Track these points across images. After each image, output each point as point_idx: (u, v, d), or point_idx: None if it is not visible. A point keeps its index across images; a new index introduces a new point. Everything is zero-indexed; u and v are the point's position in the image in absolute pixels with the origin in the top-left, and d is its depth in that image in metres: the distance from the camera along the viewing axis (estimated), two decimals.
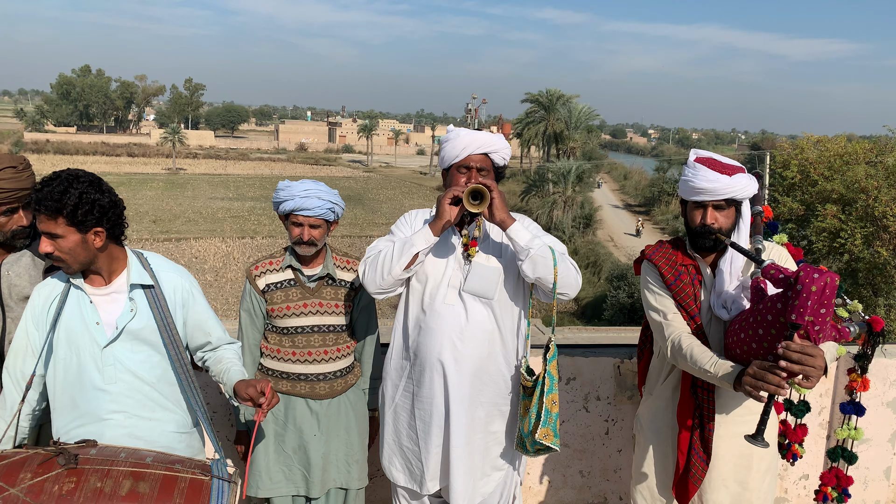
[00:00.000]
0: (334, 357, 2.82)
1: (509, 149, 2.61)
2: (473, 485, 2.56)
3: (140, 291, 2.26)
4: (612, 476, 3.52)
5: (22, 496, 1.82)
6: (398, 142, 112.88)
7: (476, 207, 2.36)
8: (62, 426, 2.22)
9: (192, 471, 2.03)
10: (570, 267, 2.46)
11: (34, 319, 2.23)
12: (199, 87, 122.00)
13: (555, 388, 2.44)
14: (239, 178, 68.81)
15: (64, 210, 2.04)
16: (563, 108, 55.45)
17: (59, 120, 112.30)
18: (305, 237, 2.71)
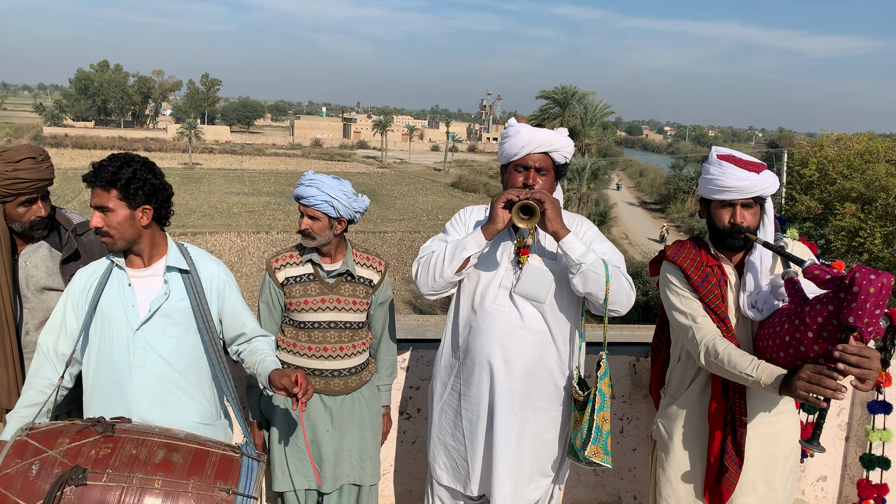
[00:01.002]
0: (350, 353, 2.82)
1: (572, 146, 2.54)
2: (519, 490, 2.53)
3: (177, 275, 2.30)
4: (626, 475, 3.50)
5: (60, 458, 1.90)
6: (413, 138, 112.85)
7: (525, 223, 2.32)
8: (92, 407, 2.26)
9: (223, 448, 2.10)
10: (624, 283, 2.40)
11: (73, 300, 2.27)
12: (216, 82, 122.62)
13: (606, 406, 2.40)
14: (254, 174, 69.09)
15: (118, 183, 2.15)
16: (579, 104, 55.15)
17: (78, 115, 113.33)
18: (302, 226, 2.71)
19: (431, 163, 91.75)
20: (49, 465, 1.88)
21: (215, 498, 1.95)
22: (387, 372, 2.99)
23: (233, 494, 1.97)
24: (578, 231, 2.53)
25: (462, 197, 60.87)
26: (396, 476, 3.39)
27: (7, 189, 2.37)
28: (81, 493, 1.85)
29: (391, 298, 2.99)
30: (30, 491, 1.85)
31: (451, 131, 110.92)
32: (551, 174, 2.52)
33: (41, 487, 1.85)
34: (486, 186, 64.87)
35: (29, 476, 1.86)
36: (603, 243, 2.52)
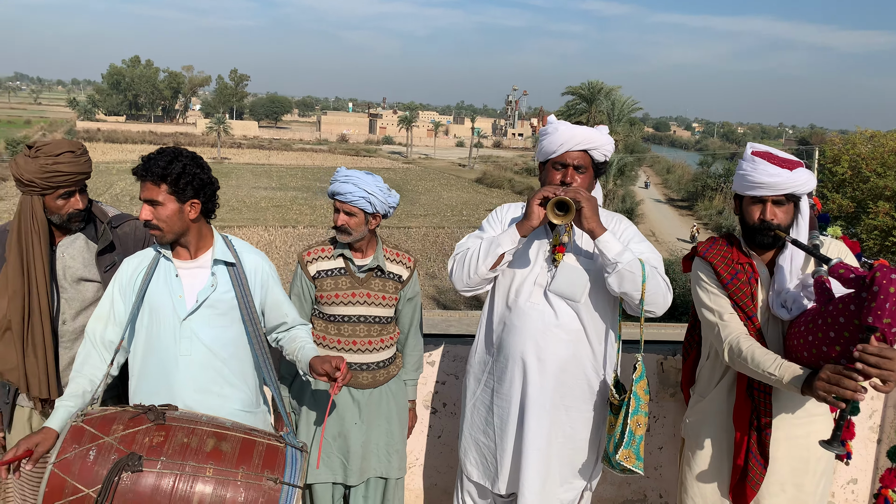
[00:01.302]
0: (378, 347, 2.84)
1: (611, 144, 2.51)
2: (548, 491, 2.53)
3: (223, 268, 2.35)
4: (652, 473, 3.48)
5: (115, 444, 1.94)
6: (438, 133, 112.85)
7: (560, 219, 2.31)
8: (139, 394, 2.31)
9: (268, 437, 2.14)
10: (661, 283, 2.37)
11: (120, 290, 2.33)
12: (244, 77, 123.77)
13: (640, 410, 2.38)
14: (282, 168, 69.66)
15: (168, 177, 2.19)
16: (606, 100, 54.69)
17: (110, 109, 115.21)
18: (339, 222, 2.73)
19: (456, 158, 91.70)
20: (106, 451, 1.93)
21: (263, 487, 1.98)
22: (413, 367, 3.01)
23: (279, 483, 2.00)
24: (616, 230, 2.51)
25: (487, 193, 60.77)
26: (422, 469, 3.41)
27: (47, 182, 2.43)
28: (137, 479, 1.90)
29: (419, 294, 3.02)
30: (88, 476, 1.89)
31: (476, 127, 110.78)
32: (590, 172, 2.50)
33: (99, 473, 1.89)
34: (511, 182, 64.70)
35: (87, 461, 1.91)
36: (641, 243, 2.49)
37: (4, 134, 71.62)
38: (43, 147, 2.46)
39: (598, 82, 55.34)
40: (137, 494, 1.89)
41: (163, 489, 1.91)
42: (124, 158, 65.25)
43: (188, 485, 1.92)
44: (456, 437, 3.39)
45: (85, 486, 1.88)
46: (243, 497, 1.96)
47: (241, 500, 1.95)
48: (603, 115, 53.52)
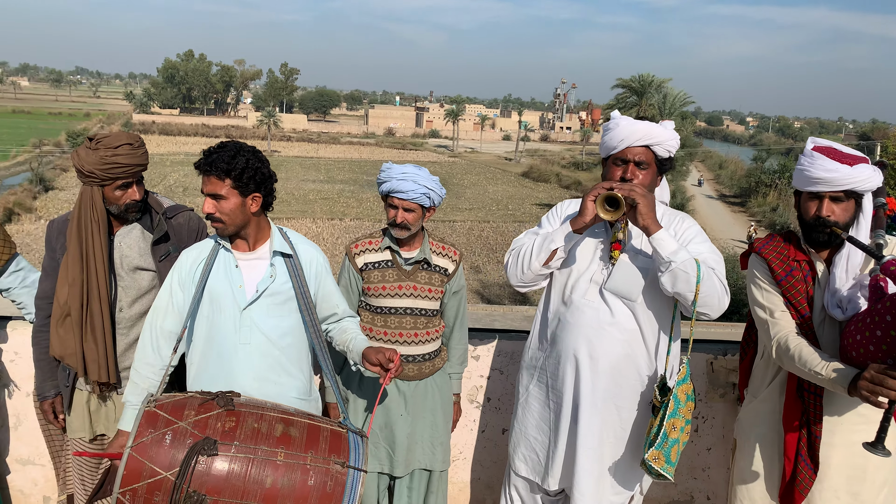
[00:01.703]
0: (424, 340, 2.86)
1: (676, 139, 2.45)
2: (600, 491, 2.50)
3: (280, 259, 2.40)
4: (699, 474, 3.42)
5: (190, 429, 1.99)
6: (484, 127, 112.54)
7: (610, 215, 2.27)
8: (199, 381, 2.37)
9: (330, 423, 2.19)
10: (716, 286, 2.31)
11: (180, 280, 2.39)
12: (294, 71, 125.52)
13: (679, 414, 2.32)
14: (329, 162, 70.49)
15: (232, 172, 2.24)
16: (657, 93, 53.72)
17: (164, 102, 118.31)
18: (398, 220, 2.74)
19: (502, 152, 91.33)
20: (181, 436, 1.98)
21: (331, 471, 2.03)
22: (458, 360, 3.02)
23: (346, 467, 2.05)
24: (678, 228, 2.45)
25: (533, 187, 60.39)
26: (465, 464, 3.42)
27: (106, 173, 2.50)
28: (212, 463, 1.95)
29: (464, 288, 3.02)
30: (165, 459, 1.94)
31: (523, 120, 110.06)
32: (652, 168, 2.45)
33: (175, 456, 1.94)
34: (558, 177, 64.13)
35: (163, 445, 1.96)
36: (702, 243, 2.43)
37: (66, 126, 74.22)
38: (103, 139, 2.53)
39: (649, 75, 54.39)
40: (213, 478, 1.94)
41: (237, 473, 1.95)
42: (178, 150, 66.95)
43: (261, 469, 1.97)
44: (500, 433, 3.39)
45: (162, 469, 1.93)
46: (313, 481, 2.00)
47: (311, 483, 2.00)
48: (654, 108, 52.62)
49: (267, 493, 1.96)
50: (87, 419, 2.71)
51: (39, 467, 3.23)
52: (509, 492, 2.77)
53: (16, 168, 50.39)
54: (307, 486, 1.99)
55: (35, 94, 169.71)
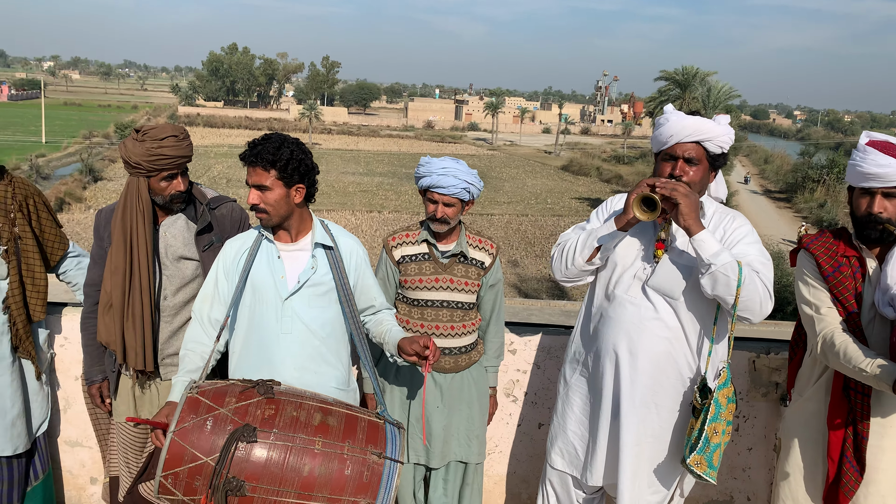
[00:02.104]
0: (460, 333, 2.86)
1: (730, 134, 2.39)
2: (638, 489, 2.49)
3: (321, 251, 2.44)
4: (739, 475, 3.36)
5: (230, 415, 2.03)
6: (524, 120, 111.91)
7: (646, 215, 2.24)
8: (241, 369, 2.42)
9: (368, 413, 2.21)
10: (758, 290, 2.24)
11: (224, 269, 2.44)
12: (335, 64, 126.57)
13: (720, 418, 2.28)
14: (369, 154, 70.96)
15: (278, 163, 2.27)
16: (701, 86, 52.70)
17: (209, 95, 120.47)
18: (439, 214, 2.75)
19: (542, 145, 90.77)
20: (222, 422, 2.02)
21: (368, 461, 2.05)
22: (495, 353, 3.02)
23: (383, 458, 2.07)
24: (728, 227, 2.39)
25: (573, 181, 59.88)
26: (501, 457, 3.41)
27: (152, 164, 2.56)
28: (251, 449, 1.98)
29: (501, 281, 3.01)
30: (206, 445, 1.99)
31: (563, 113, 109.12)
32: (703, 165, 2.39)
33: (216, 442, 1.99)
34: (599, 170, 63.45)
35: (204, 431, 2.00)
36: (752, 244, 2.36)
37: (114, 118, 76.17)
38: (149, 131, 2.58)
39: (693, 67, 53.38)
40: (252, 465, 1.97)
41: (275, 460, 1.98)
42: (221, 142, 68.13)
43: (299, 457, 2.00)
44: (536, 427, 3.38)
45: (203, 455, 1.98)
46: (350, 471, 2.02)
47: (348, 473, 2.02)
48: (698, 102, 51.69)
49: (304, 481, 1.99)
50: (132, 404, 2.79)
51: (87, 449, 3.34)
52: (546, 486, 2.76)
53: (67, 159, 51.91)
54: (344, 475, 2.01)
55: (85, 87, 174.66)
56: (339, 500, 2.00)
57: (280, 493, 1.98)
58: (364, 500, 2.02)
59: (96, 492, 3.38)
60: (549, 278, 28.21)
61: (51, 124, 66.16)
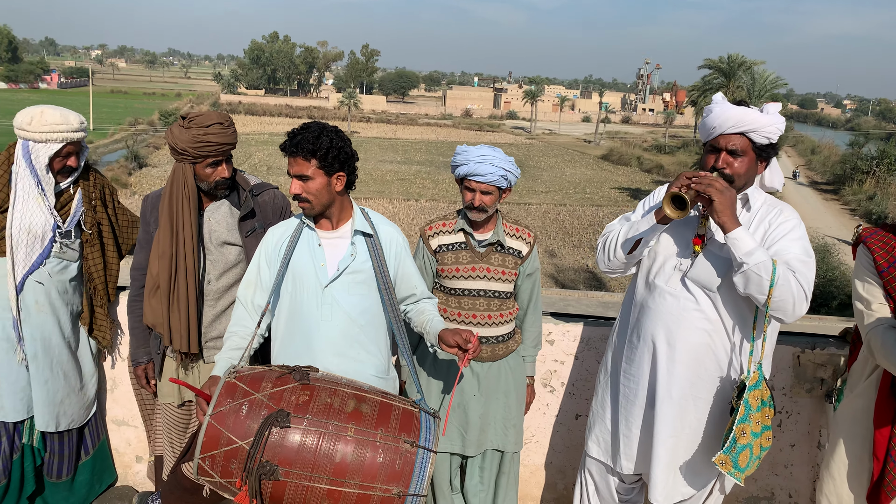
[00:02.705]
0: (497, 322, 2.86)
1: (778, 124, 2.31)
2: (673, 480, 2.48)
3: (361, 238, 2.45)
4: (781, 471, 3.30)
5: (266, 400, 2.07)
6: (563, 108, 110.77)
7: (677, 213, 2.21)
8: (282, 355, 2.46)
9: (402, 402, 2.21)
10: (792, 292, 2.18)
11: (266, 256, 2.48)
12: (375, 52, 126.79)
13: (749, 420, 2.24)
14: (407, 143, 71.07)
15: (318, 153, 2.29)
16: (746, 75, 51.48)
17: (250, 83, 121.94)
18: (476, 202, 2.74)
19: (582, 134, 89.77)
20: (257, 407, 2.05)
21: (400, 449, 2.05)
22: (532, 343, 3.01)
23: (415, 447, 2.07)
24: (773, 221, 2.34)
25: (612, 170, 59.13)
26: (537, 447, 3.41)
27: (197, 151, 2.60)
28: (284, 434, 2.01)
29: (538, 270, 2.99)
30: (241, 429, 2.02)
31: (604, 101, 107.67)
32: (749, 156, 2.33)
33: (251, 427, 2.02)
34: (640, 160, 62.50)
35: (240, 415, 2.04)
36: (796, 241, 2.29)
37: (158, 106, 77.70)
38: (195, 118, 2.63)
39: (738, 55, 52.15)
40: (285, 449, 2.00)
41: (308, 446, 2.01)
42: (262, 130, 68.99)
43: (331, 443, 2.02)
44: (573, 418, 3.36)
45: (238, 439, 2.01)
46: (382, 458, 2.03)
47: (380, 461, 2.03)
48: (742, 91, 50.54)
49: (336, 467, 2.00)
50: (176, 385, 2.85)
51: (132, 428, 3.43)
52: (584, 475, 2.77)
53: (113, 146, 53.14)
54: (376, 462, 2.02)
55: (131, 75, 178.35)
56: (370, 487, 2.01)
57: (312, 478, 2.00)
58: (396, 488, 2.02)
59: (141, 470, 3.47)
60: (586, 269, 27.99)
61: (98, 112, 67.82)
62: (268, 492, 2.01)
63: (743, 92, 49.66)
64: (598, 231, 34.42)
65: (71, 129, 2.79)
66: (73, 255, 2.96)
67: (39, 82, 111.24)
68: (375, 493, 2.01)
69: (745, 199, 2.40)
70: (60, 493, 3.14)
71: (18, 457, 3.00)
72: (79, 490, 3.20)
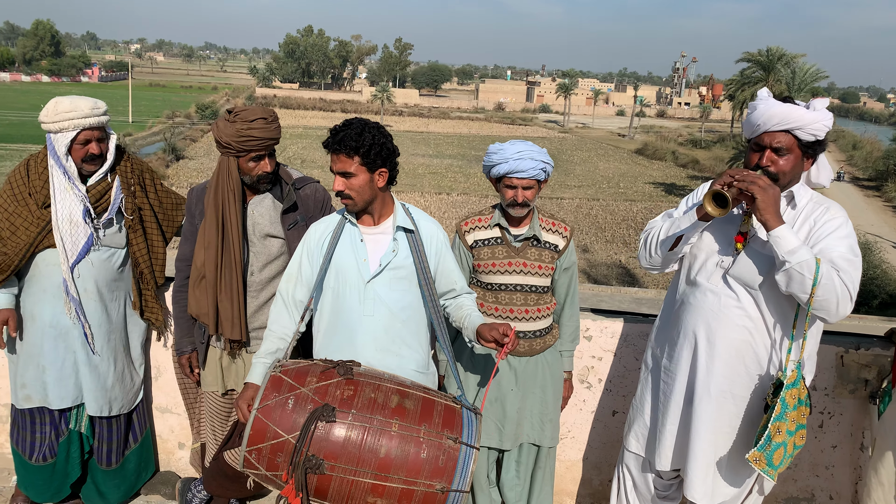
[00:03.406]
0: (535, 317, 2.86)
1: (825, 120, 2.27)
2: (713, 480, 2.47)
3: (402, 234, 2.47)
4: (822, 472, 3.25)
5: (311, 395, 2.09)
6: (597, 102, 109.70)
7: (718, 211, 2.19)
8: (325, 350, 2.48)
9: (444, 398, 2.22)
10: (836, 291, 2.15)
11: (308, 252, 2.50)
12: (408, 46, 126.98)
13: (786, 418, 2.22)
14: (439, 136, 71.06)
15: (361, 150, 2.30)
16: (786, 68, 50.38)
17: (285, 77, 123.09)
18: (520, 199, 2.74)
19: (616, 128, 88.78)
20: (302, 401, 2.08)
21: (443, 445, 2.06)
22: (570, 337, 3.00)
23: (458, 443, 2.07)
24: (819, 219, 2.30)
25: (647, 165, 58.40)
26: (573, 442, 3.41)
27: (241, 145, 2.65)
28: (330, 429, 2.03)
29: (575, 264, 2.98)
30: (287, 422, 2.05)
31: (639, 95, 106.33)
32: (794, 154, 2.30)
33: (297, 420, 2.05)
34: (675, 154, 61.59)
35: (286, 409, 2.07)
36: (842, 239, 2.25)
37: (195, 99, 78.82)
38: (240, 113, 2.68)
39: (779, 48, 51.06)
40: (330, 444, 2.02)
41: (353, 440, 2.03)
42: (296, 123, 69.56)
43: (376, 438, 2.03)
44: (610, 414, 3.35)
45: (284, 432, 2.04)
46: (425, 454, 2.04)
47: (424, 456, 2.04)
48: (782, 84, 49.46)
49: (381, 463, 2.02)
50: (220, 374, 2.92)
51: (176, 416, 3.51)
52: (622, 470, 2.76)
53: (151, 138, 54.06)
54: (420, 458, 2.03)
55: (169, 69, 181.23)
56: (414, 482, 2.03)
57: (357, 472, 2.02)
58: (440, 483, 2.03)
59: (184, 456, 3.55)
60: (619, 264, 27.73)
61: (137, 104, 69.01)
62: (313, 485, 2.04)
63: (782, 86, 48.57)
64: (632, 227, 34.06)
65: (81, 116, 2.79)
66: (119, 241, 3.01)
67: (81, 76, 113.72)
68: (419, 488, 2.03)
69: (790, 197, 2.37)
70: (111, 480, 3.22)
71: (65, 439, 3.09)
72: (128, 478, 3.28)
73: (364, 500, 2.04)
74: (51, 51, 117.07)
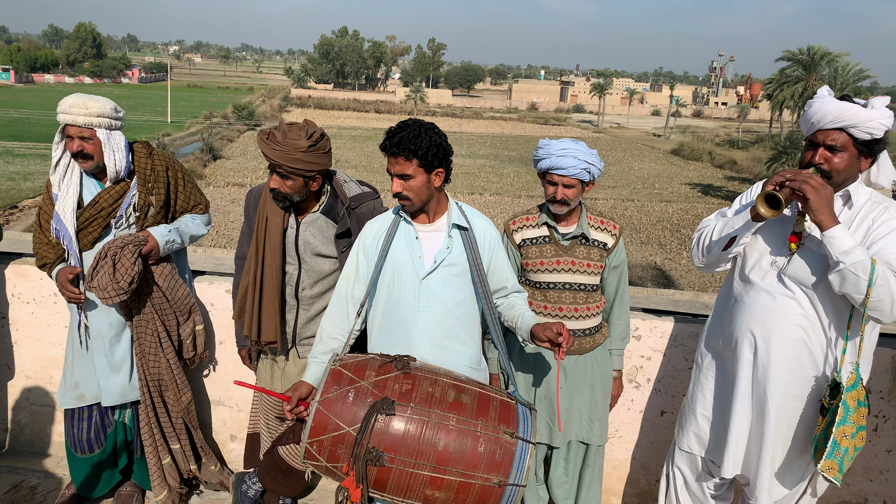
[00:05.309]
0: (584, 315, 2.87)
1: (882, 119, 2.23)
2: (770, 482, 2.46)
3: (457, 232, 2.50)
4: (876, 476, 3.20)
5: (370, 388, 2.13)
6: (632, 102, 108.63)
7: (770, 212, 2.18)
8: (380, 345, 2.53)
9: (499, 393, 2.25)
10: (892, 292, 2.13)
11: (364, 250, 2.55)
12: (441, 46, 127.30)
13: (849, 421, 2.19)
14: (472, 137, 70.99)
15: (419, 152, 2.34)
16: (828, 67, 49.29)
17: (319, 78, 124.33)
18: (558, 196, 2.75)
19: (651, 128, 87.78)
20: (362, 394, 2.11)
21: (500, 440, 2.09)
22: (619, 336, 3.00)
23: (515, 438, 2.10)
24: (877, 219, 2.27)
25: (682, 165, 57.60)
26: (621, 441, 3.41)
27: (266, 159, 2.68)
28: (389, 422, 2.07)
29: (624, 262, 2.98)
30: (347, 415, 2.09)
31: (674, 95, 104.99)
32: (850, 152, 2.28)
33: (357, 413, 2.09)
34: (711, 155, 60.63)
35: (346, 402, 2.11)
36: None
37: (232, 99, 79.88)
38: (272, 132, 2.68)
39: (820, 47, 49.96)
40: (390, 437, 2.06)
41: (412, 434, 2.06)
42: (331, 124, 70.09)
43: (434, 431, 2.06)
44: (658, 415, 3.34)
45: (345, 425, 2.08)
46: (483, 448, 2.06)
47: (481, 450, 2.06)
48: (822, 83, 48.41)
49: (439, 456, 2.05)
50: (270, 374, 2.98)
51: (228, 408, 3.59)
52: (672, 469, 2.75)
53: (189, 138, 55.01)
54: (477, 452, 2.05)
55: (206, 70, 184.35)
56: (472, 476, 2.05)
57: (416, 465, 2.05)
58: (497, 477, 2.05)
59: (235, 448, 3.63)
60: (654, 266, 27.41)
61: (175, 105, 70.27)
62: (373, 477, 2.07)
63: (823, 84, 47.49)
64: (667, 228, 33.64)
65: (62, 111, 2.81)
66: None
67: (122, 77, 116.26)
68: (476, 481, 2.05)
69: (846, 196, 2.34)
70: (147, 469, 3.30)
71: (112, 430, 3.17)
72: None
73: (422, 492, 2.08)
74: (93, 53, 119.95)
